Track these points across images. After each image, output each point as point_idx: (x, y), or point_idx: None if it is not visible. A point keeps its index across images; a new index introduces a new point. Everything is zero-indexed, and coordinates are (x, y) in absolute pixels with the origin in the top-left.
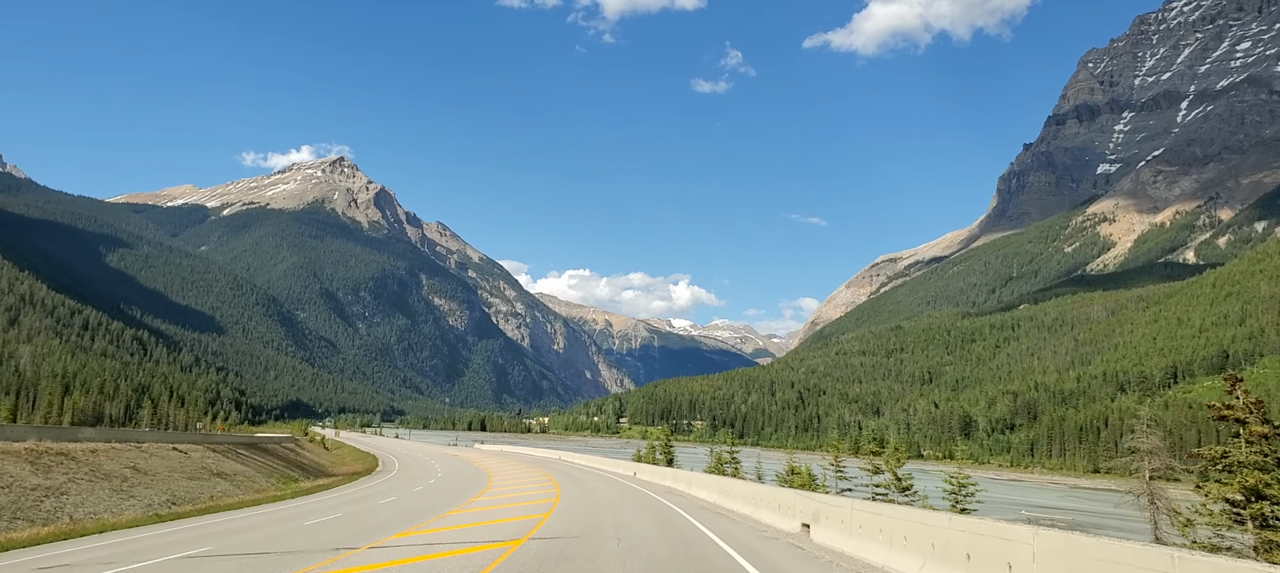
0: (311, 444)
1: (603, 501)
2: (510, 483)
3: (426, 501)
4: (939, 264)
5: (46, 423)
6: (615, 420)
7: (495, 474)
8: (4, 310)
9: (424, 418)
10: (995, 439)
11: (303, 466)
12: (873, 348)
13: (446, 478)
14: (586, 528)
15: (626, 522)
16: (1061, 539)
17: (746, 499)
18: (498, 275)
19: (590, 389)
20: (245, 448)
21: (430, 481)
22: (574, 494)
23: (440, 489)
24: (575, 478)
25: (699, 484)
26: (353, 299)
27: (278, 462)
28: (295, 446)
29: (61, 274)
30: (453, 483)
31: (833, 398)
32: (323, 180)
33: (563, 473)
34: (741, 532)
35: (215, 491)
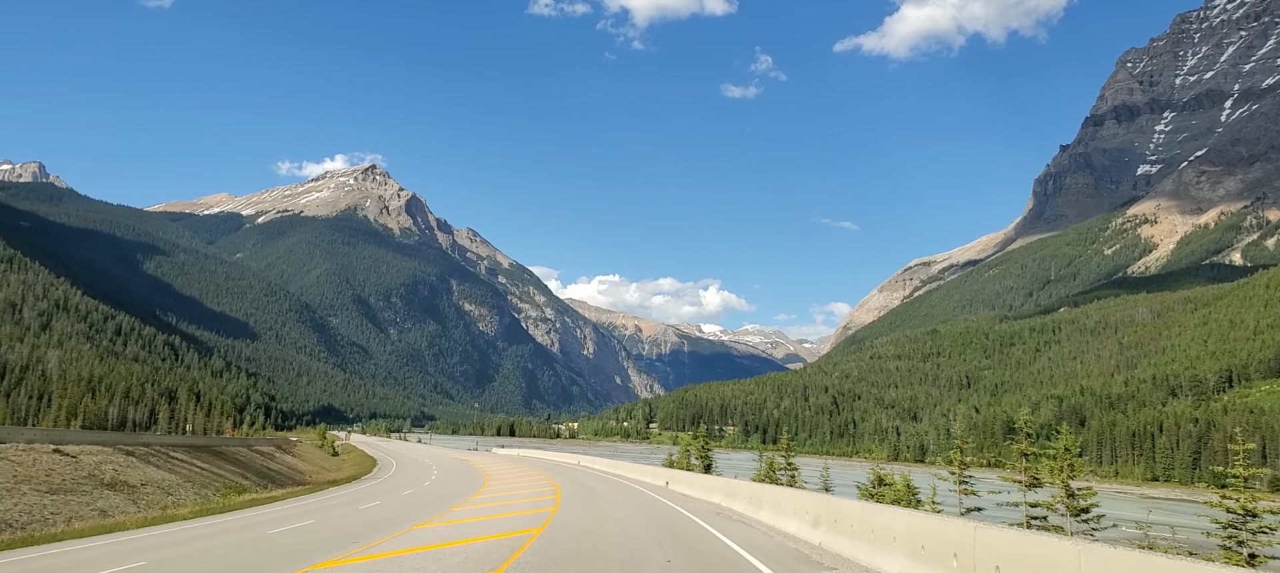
0: (308, 448)
1: (612, 525)
2: (492, 503)
3: (380, 515)
4: (974, 267)
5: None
6: (645, 426)
7: (487, 486)
8: (37, 316)
9: (454, 423)
10: (1040, 446)
11: (269, 473)
12: (908, 352)
13: (432, 487)
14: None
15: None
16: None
17: (886, 539)
18: (527, 281)
19: (620, 395)
20: (189, 452)
21: (405, 492)
22: (571, 518)
23: (416, 500)
24: (588, 488)
25: (772, 504)
26: (384, 305)
27: (232, 468)
28: (276, 450)
29: (100, 281)
30: (433, 495)
31: (868, 403)
32: (355, 188)
33: (574, 481)
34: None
35: (91, 507)
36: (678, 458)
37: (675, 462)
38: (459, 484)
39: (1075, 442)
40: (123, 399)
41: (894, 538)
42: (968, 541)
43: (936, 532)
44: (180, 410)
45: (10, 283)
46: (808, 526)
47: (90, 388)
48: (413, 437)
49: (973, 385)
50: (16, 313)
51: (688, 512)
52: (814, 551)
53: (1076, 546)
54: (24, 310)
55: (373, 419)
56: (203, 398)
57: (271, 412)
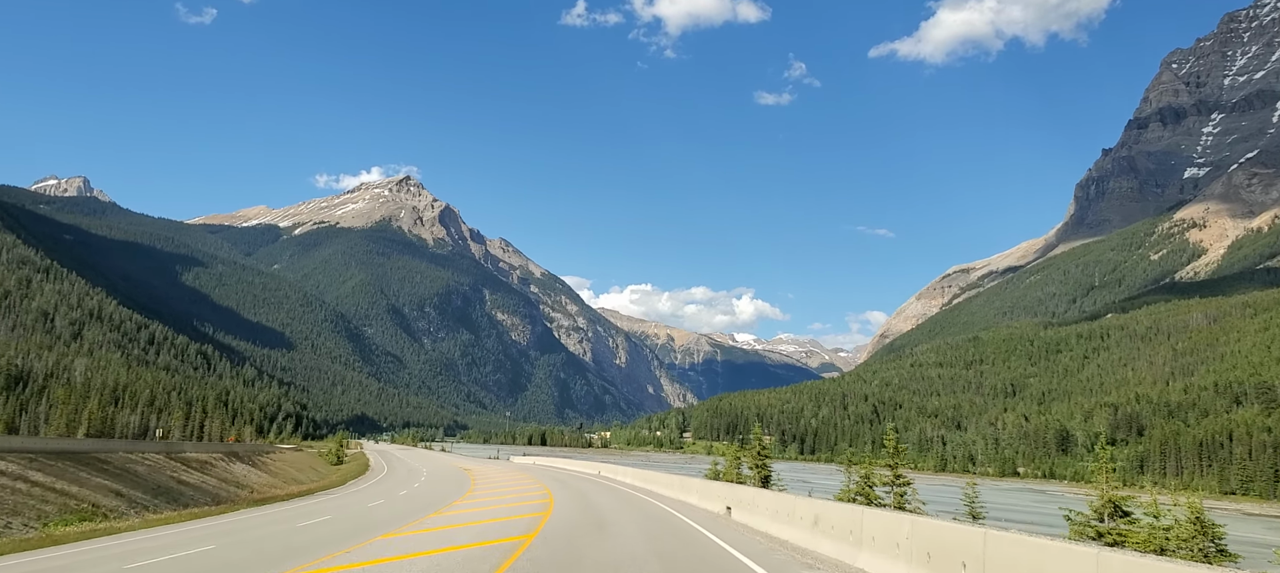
0: (291, 456)
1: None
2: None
3: (260, 550)
4: (1014, 274)
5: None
6: (679, 435)
7: (458, 504)
8: (68, 325)
9: (486, 433)
10: (1096, 456)
11: (175, 490)
12: (950, 360)
13: (403, 498)
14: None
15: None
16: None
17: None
18: (560, 290)
19: (653, 404)
20: (59, 460)
21: (372, 503)
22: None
23: (353, 521)
24: (589, 507)
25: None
26: (418, 315)
27: (108, 483)
28: (230, 459)
29: (139, 293)
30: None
31: (910, 412)
32: (390, 199)
33: (579, 498)
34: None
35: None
36: (726, 469)
37: (722, 474)
38: (427, 500)
39: (1135, 452)
40: (145, 407)
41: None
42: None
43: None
44: (193, 418)
45: (45, 292)
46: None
47: (114, 396)
48: (437, 446)
49: (1018, 393)
50: (49, 322)
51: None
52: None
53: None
54: (56, 319)
55: (406, 428)
56: (229, 406)
57: (302, 420)
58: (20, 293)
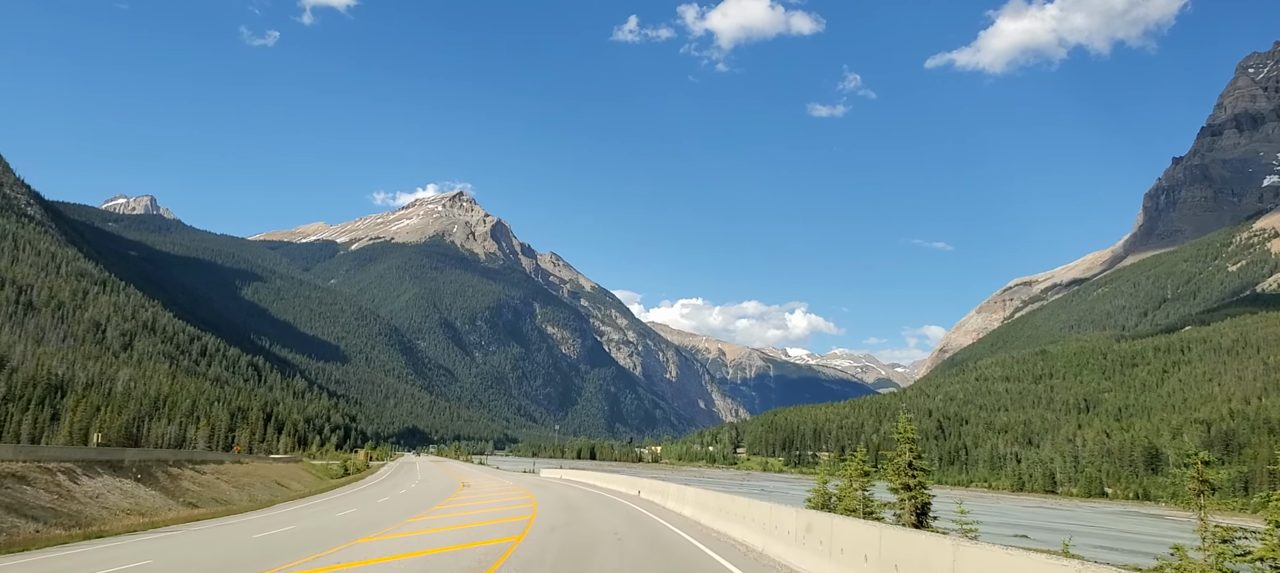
0: (277, 467)
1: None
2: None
3: None
4: (1080, 286)
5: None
6: (732, 450)
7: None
8: (120, 335)
9: (535, 446)
10: (1191, 475)
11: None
12: (1017, 374)
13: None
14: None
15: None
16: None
17: None
18: (610, 304)
19: (704, 419)
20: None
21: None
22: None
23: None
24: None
25: None
26: (470, 329)
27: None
28: (197, 469)
29: (199, 307)
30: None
31: (977, 427)
32: (443, 214)
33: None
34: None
35: None
36: (842, 491)
37: (840, 498)
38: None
39: (1237, 472)
40: (184, 417)
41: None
42: None
43: None
44: (217, 428)
45: (99, 304)
46: None
47: (153, 405)
48: (477, 459)
49: (1093, 409)
50: (100, 332)
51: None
52: None
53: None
54: (108, 330)
55: (457, 441)
56: (274, 417)
57: (350, 432)
58: (73, 304)
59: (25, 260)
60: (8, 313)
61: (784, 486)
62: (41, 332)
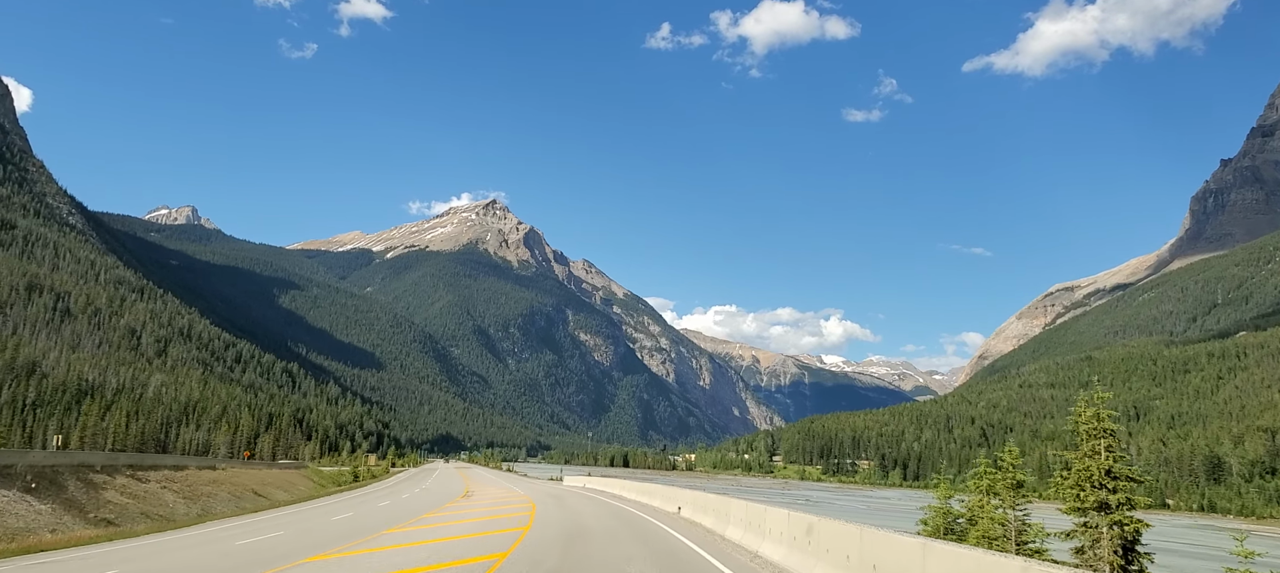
0: (264, 472)
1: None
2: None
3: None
4: (1124, 292)
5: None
6: (768, 458)
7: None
8: (154, 341)
9: (568, 453)
10: (1257, 486)
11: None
12: (1062, 380)
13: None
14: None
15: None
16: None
17: None
18: (642, 311)
19: (738, 426)
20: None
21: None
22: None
23: None
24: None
25: None
26: (503, 336)
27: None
28: (135, 478)
29: (238, 315)
30: None
31: (1022, 435)
32: (476, 223)
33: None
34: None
35: None
36: (976, 510)
37: (975, 520)
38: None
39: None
40: (213, 423)
41: None
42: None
43: None
44: (240, 434)
45: (135, 311)
46: None
47: (183, 411)
48: (505, 466)
49: (1143, 417)
50: (135, 338)
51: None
52: None
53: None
54: (143, 337)
55: (490, 448)
56: (305, 423)
57: (383, 439)
58: (110, 311)
59: (65, 268)
60: (45, 319)
61: (828, 496)
62: (77, 338)
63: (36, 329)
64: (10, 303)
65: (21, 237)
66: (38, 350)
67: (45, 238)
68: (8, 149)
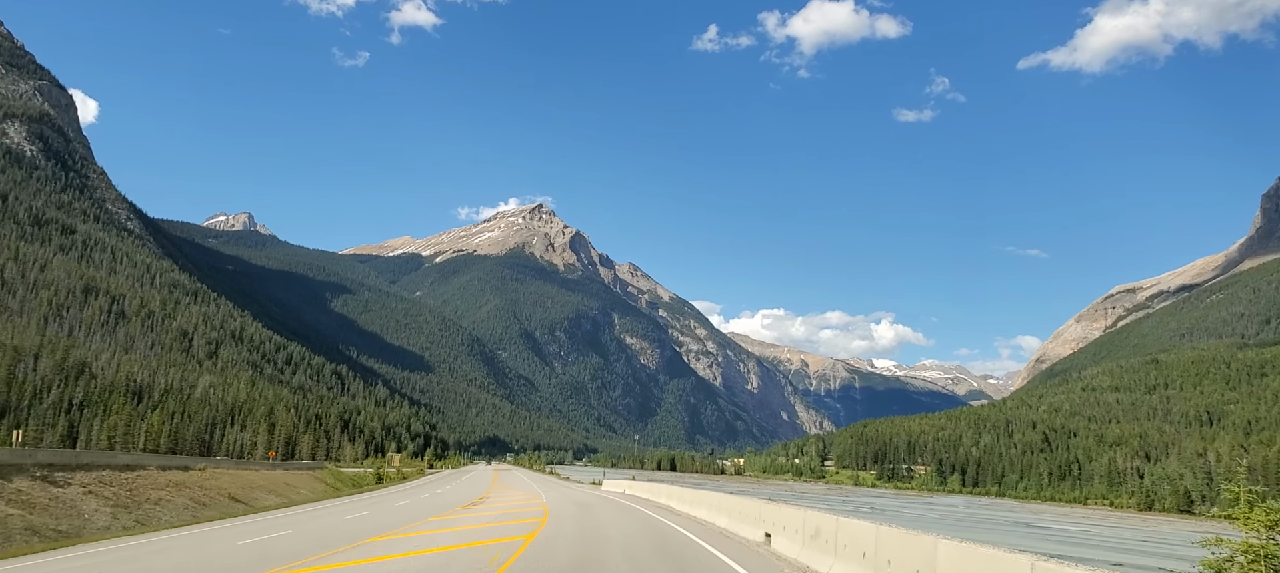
0: (240, 474)
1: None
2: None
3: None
4: (1191, 293)
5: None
6: (820, 463)
7: None
8: (205, 343)
9: (614, 456)
10: None
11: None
12: (1128, 384)
13: None
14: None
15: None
16: None
17: None
18: (688, 314)
19: (787, 431)
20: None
21: None
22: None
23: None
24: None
25: None
26: (549, 339)
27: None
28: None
29: (291, 318)
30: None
31: (1088, 440)
32: (523, 227)
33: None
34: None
35: None
36: None
37: None
38: None
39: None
40: (258, 424)
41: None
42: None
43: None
44: (278, 434)
45: (188, 313)
46: None
47: (229, 412)
48: (548, 469)
49: (1217, 422)
50: (186, 340)
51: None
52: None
53: None
54: (194, 339)
55: (537, 451)
56: (351, 425)
57: (430, 440)
58: (163, 313)
59: (121, 272)
60: (100, 321)
61: (892, 503)
62: (130, 340)
63: (91, 331)
64: (67, 306)
65: (81, 242)
66: (90, 352)
67: (103, 243)
68: (70, 157)
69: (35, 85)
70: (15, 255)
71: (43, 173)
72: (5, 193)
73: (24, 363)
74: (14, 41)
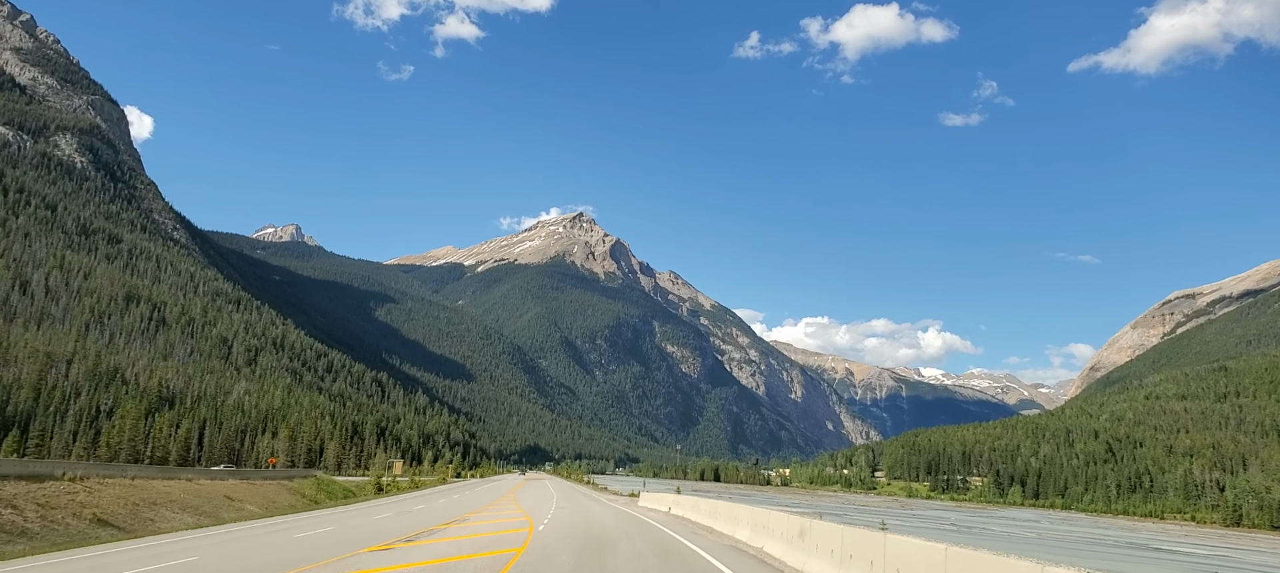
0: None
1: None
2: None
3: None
4: (1256, 298)
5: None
6: (870, 473)
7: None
8: (245, 351)
9: (656, 466)
10: None
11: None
12: (1194, 392)
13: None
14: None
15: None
16: None
17: None
18: (730, 322)
19: (832, 441)
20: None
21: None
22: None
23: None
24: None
25: None
26: (590, 347)
27: None
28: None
29: (335, 327)
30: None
31: (1156, 450)
32: (563, 235)
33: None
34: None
35: None
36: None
37: None
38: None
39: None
40: (292, 431)
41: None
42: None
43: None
44: (299, 442)
45: (231, 320)
46: None
47: (262, 419)
48: (587, 478)
49: None
50: (226, 347)
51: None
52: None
53: None
54: (233, 346)
55: (578, 460)
56: (388, 433)
57: (469, 449)
58: (203, 320)
59: (165, 280)
60: (140, 328)
61: (972, 519)
62: (169, 347)
63: (131, 338)
64: (108, 313)
65: (126, 250)
66: (128, 358)
67: (149, 252)
68: (119, 168)
69: (88, 100)
70: (60, 264)
71: (92, 184)
72: (55, 203)
73: (55, 369)
74: (69, 59)
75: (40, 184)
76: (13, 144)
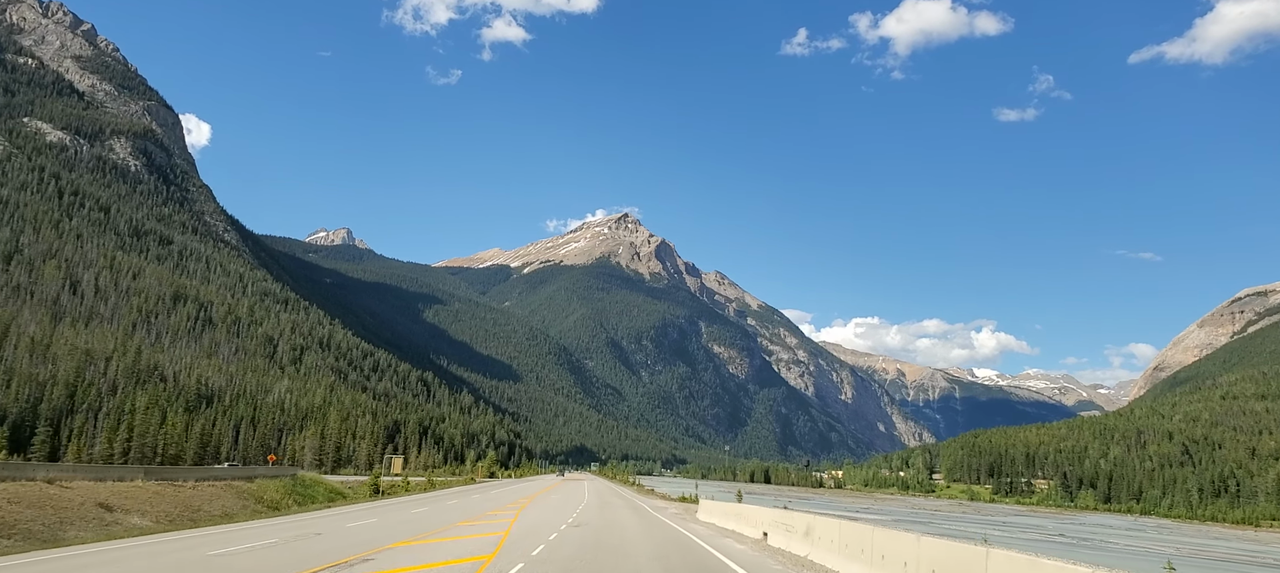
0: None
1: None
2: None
3: None
4: None
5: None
6: (927, 476)
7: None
8: (290, 350)
9: (704, 467)
10: None
11: None
12: (1276, 392)
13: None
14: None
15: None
16: None
17: None
18: (778, 323)
19: (884, 442)
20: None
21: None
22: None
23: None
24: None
25: None
26: (635, 348)
27: None
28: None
29: (384, 329)
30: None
31: (1237, 452)
32: (609, 237)
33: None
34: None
35: None
36: None
37: None
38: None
39: None
40: (329, 429)
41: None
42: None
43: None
44: (327, 440)
45: (278, 320)
46: None
47: (303, 416)
48: (633, 479)
49: None
50: (271, 346)
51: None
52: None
53: None
54: (279, 344)
55: (624, 461)
56: (431, 432)
57: (514, 449)
58: (249, 320)
59: (215, 281)
60: (186, 327)
61: (1063, 525)
62: (215, 345)
63: (177, 336)
64: (155, 312)
65: (176, 251)
66: (171, 357)
67: (199, 253)
68: (172, 172)
69: (143, 105)
70: (110, 264)
71: (145, 187)
72: (108, 205)
73: (94, 366)
74: (127, 66)
75: (95, 187)
76: (69, 148)
